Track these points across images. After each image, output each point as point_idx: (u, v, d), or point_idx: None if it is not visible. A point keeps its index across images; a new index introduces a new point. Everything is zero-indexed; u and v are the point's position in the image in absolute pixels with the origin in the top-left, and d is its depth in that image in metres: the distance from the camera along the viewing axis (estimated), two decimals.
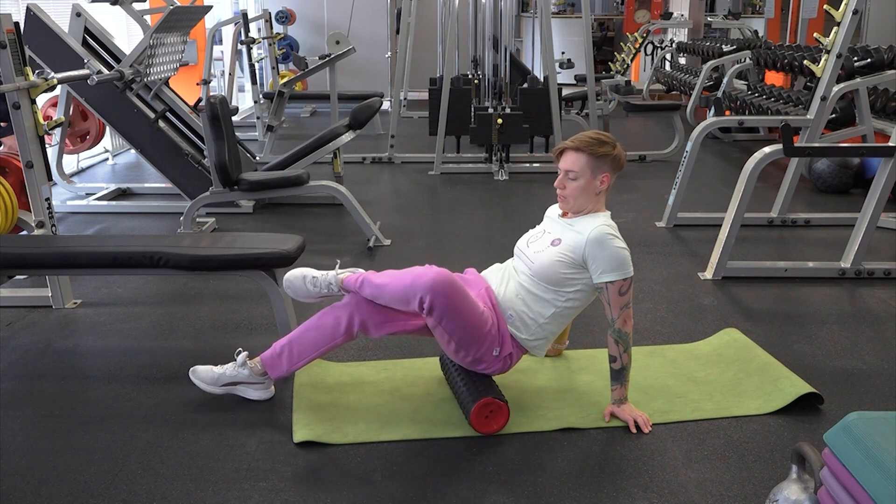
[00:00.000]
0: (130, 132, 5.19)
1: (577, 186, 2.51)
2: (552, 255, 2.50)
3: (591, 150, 2.50)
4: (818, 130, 4.65)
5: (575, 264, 2.48)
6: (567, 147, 2.53)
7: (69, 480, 2.23)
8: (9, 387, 2.80)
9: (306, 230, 4.76)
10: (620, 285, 2.45)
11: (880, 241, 4.45)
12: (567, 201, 2.56)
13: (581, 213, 2.57)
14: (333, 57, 8.04)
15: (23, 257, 3.13)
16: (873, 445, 1.54)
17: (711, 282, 3.90)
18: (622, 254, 2.46)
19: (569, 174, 2.52)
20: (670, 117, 7.34)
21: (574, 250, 2.47)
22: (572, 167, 2.51)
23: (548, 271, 2.49)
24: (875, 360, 3.02)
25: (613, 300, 2.46)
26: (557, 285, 2.50)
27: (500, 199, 5.74)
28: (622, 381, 2.52)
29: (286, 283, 2.60)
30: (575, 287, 2.51)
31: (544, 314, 2.52)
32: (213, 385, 2.60)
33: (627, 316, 2.48)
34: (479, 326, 2.44)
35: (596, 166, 2.51)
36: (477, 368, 2.53)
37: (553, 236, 2.56)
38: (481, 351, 2.47)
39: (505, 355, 2.51)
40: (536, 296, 2.52)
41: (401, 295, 2.40)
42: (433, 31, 9.96)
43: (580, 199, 2.53)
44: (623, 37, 10.94)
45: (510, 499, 2.15)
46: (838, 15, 4.30)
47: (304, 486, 2.21)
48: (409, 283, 2.39)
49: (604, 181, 2.53)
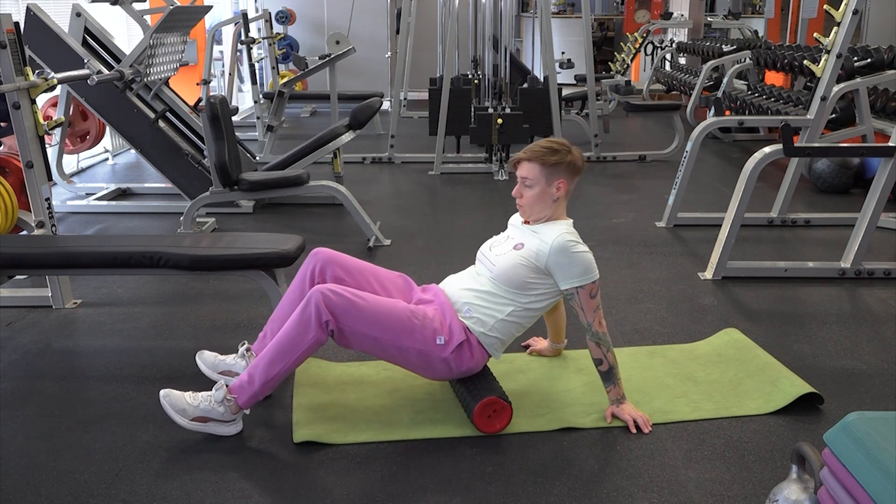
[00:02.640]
0: (130, 132, 5.19)
1: (534, 194, 2.55)
2: (514, 257, 2.52)
3: (542, 160, 2.54)
4: (818, 130, 4.64)
5: (537, 270, 2.50)
6: (521, 158, 2.57)
7: (69, 480, 2.23)
8: (9, 387, 2.80)
9: (306, 230, 4.76)
10: (590, 289, 2.49)
11: (880, 241, 4.45)
12: (525, 209, 2.60)
13: (541, 220, 2.59)
14: (333, 57, 8.04)
15: (23, 257, 3.13)
16: (873, 445, 1.54)
17: (711, 282, 3.90)
18: (586, 258, 2.49)
19: (525, 182, 2.56)
20: (670, 117, 7.34)
21: (537, 256, 2.49)
22: (527, 175, 2.55)
23: (510, 273, 2.51)
24: (875, 360, 3.02)
25: (586, 304, 2.49)
26: (519, 288, 2.51)
27: (500, 199, 5.74)
28: (614, 381, 2.53)
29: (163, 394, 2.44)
30: (536, 291, 2.52)
31: (503, 311, 2.52)
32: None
33: (600, 317, 2.52)
34: (394, 313, 2.42)
35: (550, 174, 2.55)
36: (434, 368, 2.48)
37: (516, 241, 2.59)
38: (419, 342, 2.42)
39: (456, 344, 2.45)
40: (496, 294, 2.53)
41: (296, 324, 2.36)
42: (433, 31, 9.95)
43: (537, 206, 2.57)
44: (623, 37, 10.94)
45: (510, 499, 2.15)
46: (838, 15, 4.30)
47: (305, 487, 2.21)
48: (297, 313, 2.37)
49: (560, 187, 2.57)
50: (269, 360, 2.39)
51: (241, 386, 2.41)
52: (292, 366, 2.41)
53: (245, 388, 2.40)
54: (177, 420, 2.40)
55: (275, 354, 2.39)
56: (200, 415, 2.40)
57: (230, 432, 2.44)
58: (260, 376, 2.39)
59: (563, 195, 2.59)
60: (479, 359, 2.54)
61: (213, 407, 2.40)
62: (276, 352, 2.39)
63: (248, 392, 2.40)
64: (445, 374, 2.53)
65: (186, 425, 2.40)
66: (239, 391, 2.41)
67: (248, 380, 2.40)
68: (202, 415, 2.40)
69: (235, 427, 2.45)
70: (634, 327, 3.33)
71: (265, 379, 2.39)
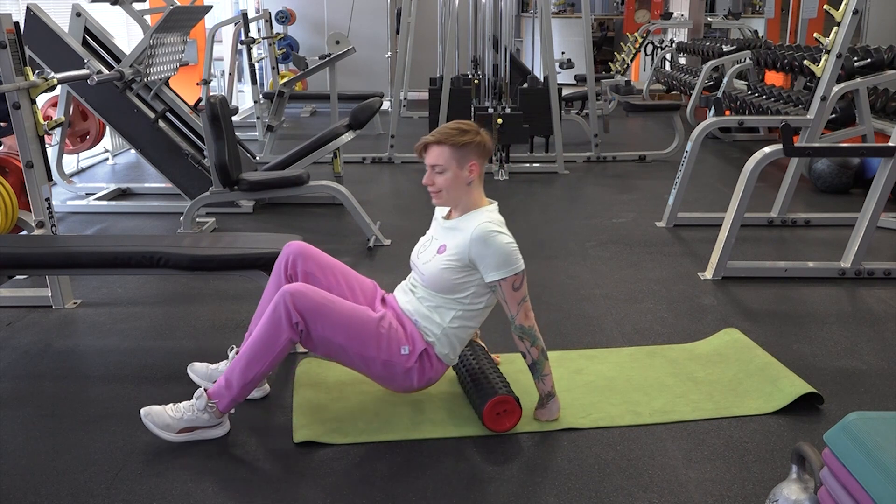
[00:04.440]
0: (130, 132, 5.19)
1: (446, 179, 2.47)
2: (438, 263, 2.47)
3: (452, 141, 2.45)
4: (818, 130, 4.65)
5: (464, 267, 2.44)
6: (429, 141, 2.49)
7: (69, 480, 2.23)
8: (9, 387, 2.80)
9: (306, 230, 4.76)
10: (512, 281, 2.40)
11: (880, 241, 4.45)
12: (440, 196, 2.52)
13: (460, 207, 2.52)
14: (333, 57, 8.04)
15: (23, 257, 3.13)
16: (873, 445, 1.54)
17: (711, 282, 3.90)
18: (508, 248, 2.40)
19: (435, 168, 2.48)
20: (670, 117, 7.34)
21: (459, 254, 2.43)
22: (437, 161, 2.47)
23: (438, 280, 2.46)
24: (875, 360, 3.02)
25: (509, 297, 2.41)
26: (451, 292, 2.46)
27: (500, 199, 5.63)
28: (539, 376, 2.48)
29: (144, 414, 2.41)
30: (470, 290, 2.47)
31: (445, 318, 2.48)
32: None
33: (527, 310, 2.44)
34: (362, 320, 2.40)
35: (461, 156, 2.46)
36: (396, 379, 2.46)
37: (439, 243, 2.53)
38: (384, 352, 2.41)
39: (419, 352, 2.44)
40: (434, 303, 2.49)
41: (268, 325, 2.34)
42: (433, 31, 9.96)
43: (452, 191, 2.49)
44: (623, 37, 10.93)
45: (510, 499, 2.15)
46: (838, 15, 4.30)
47: (305, 486, 2.21)
48: (268, 315, 2.34)
49: (472, 170, 2.48)
50: (246, 363, 2.36)
51: (220, 391, 2.38)
52: (269, 367, 2.39)
53: (224, 393, 2.37)
54: (163, 436, 2.37)
55: (250, 357, 2.36)
56: (186, 426, 2.38)
57: (219, 434, 2.43)
58: (238, 380, 2.36)
59: (477, 178, 2.50)
60: (439, 368, 2.51)
61: (198, 415, 2.38)
62: (251, 354, 2.36)
63: (227, 398, 2.37)
64: (407, 386, 2.50)
65: (174, 439, 2.38)
66: (218, 397, 2.38)
67: (225, 384, 2.37)
68: (188, 425, 2.38)
69: (223, 428, 2.44)
70: (634, 327, 3.33)
71: (243, 382, 2.36)
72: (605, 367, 2.92)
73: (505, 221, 2.55)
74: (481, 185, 2.56)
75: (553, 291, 3.76)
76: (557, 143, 6.64)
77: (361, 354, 2.41)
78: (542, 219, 5.16)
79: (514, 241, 2.45)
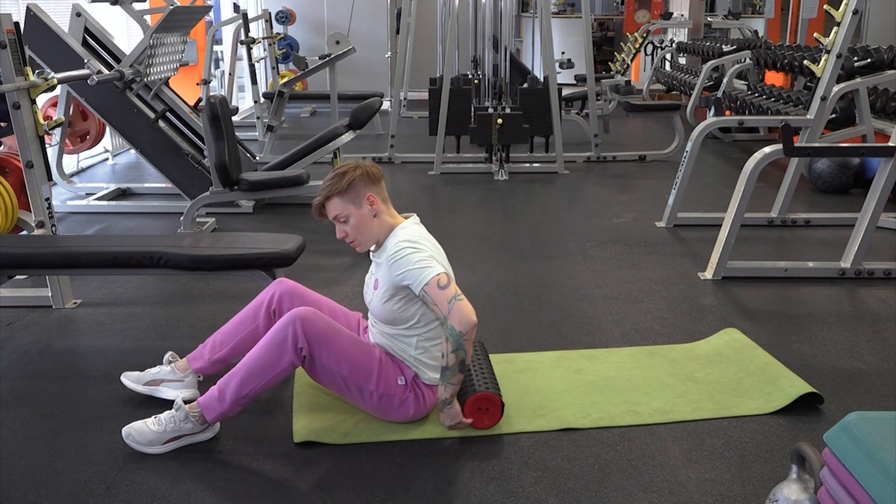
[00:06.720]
0: (130, 132, 5.20)
1: (354, 224, 2.44)
2: (379, 298, 2.46)
3: (338, 190, 2.41)
4: (818, 130, 4.65)
5: (399, 295, 2.41)
6: (319, 202, 2.46)
7: (69, 480, 2.23)
8: (9, 387, 2.80)
9: (306, 230, 4.73)
10: (436, 281, 2.32)
11: (880, 241, 4.45)
12: (358, 243, 2.48)
13: (380, 240, 2.49)
14: (333, 57, 8.04)
15: (23, 257, 3.13)
16: (873, 445, 1.54)
17: (711, 282, 3.90)
18: (415, 257, 2.35)
19: (340, 219, 2.45)
20: (670, 117, 7.34)
21: (390, 283, 2.41)
22: (337, 212, 2.44)
23: (385, 314, 2.45)
24: (875, 360, 3.02)
25: (437, 298, 2.33)
26: (402, 322, 2.45)
27: (500, 199, 5.74)
28: (444, 381, 2.38)
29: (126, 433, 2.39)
30: (417, 315, 2.44)
31: (409, 346, 2.47)
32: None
33: (462, 312, 2.30)
34: (363, 353, 2.41)
35: (354, 196, 2.42)
36: (392, 410, 2.45)
37: (374, 278, 2.52)
38: (382, 382, 2.41)
39: (411, 380, 2.46)
40: (394, 336, 2.48)
41: (272, 346, 2.33)
42: (433, 31, 9.96)
43: (365, 231, 2.46)
44: (623, 37, 10.94)
45: (510, 499, 2.15)
46: (838, 15, 4.30)
47: (305, 487, 2.21)
48: (273, 335, 2.34)
49: (372, 201, 2.44)
50: (242, 379, 2.35)
51: (210, 402, 2.36)
52: (264, 387, 2.37)
53: (214, 405, 2.36)
54: (149, 451, 2.35)
55: (248, 374, 2.35)
56: (171, 436, 2.37)
57: (207, 437, 2.42)
58: (231, 394, 2.34)
59: (380, 206, 2.46)
60: (429, 394, 2.50)
61: (180, 425, 2.36)
62: (249, 372, 2.35)
63: (217, 410, 2.36)
64: (404, 416, 2.49)
65: (161, 451, 2.35)
66: (207, 407, 2.36)
67: (218, 396, 2.36)
68: (173, 435, 2.37)
69: (211, 431, 2.43)
70: (634, 327, 3.33)
71: (236, 398, 2.35)
72: (605, 367, 2.92)
73: (424, 227, 2.52)
74: (389, 207, 2.52)
75: (553, 291, 3.76)
76: (557, 143, 6.64)
77: (359, 388, 2.41)
78: (542, 219, 5.16)
79: (425, 248, 2.40)
